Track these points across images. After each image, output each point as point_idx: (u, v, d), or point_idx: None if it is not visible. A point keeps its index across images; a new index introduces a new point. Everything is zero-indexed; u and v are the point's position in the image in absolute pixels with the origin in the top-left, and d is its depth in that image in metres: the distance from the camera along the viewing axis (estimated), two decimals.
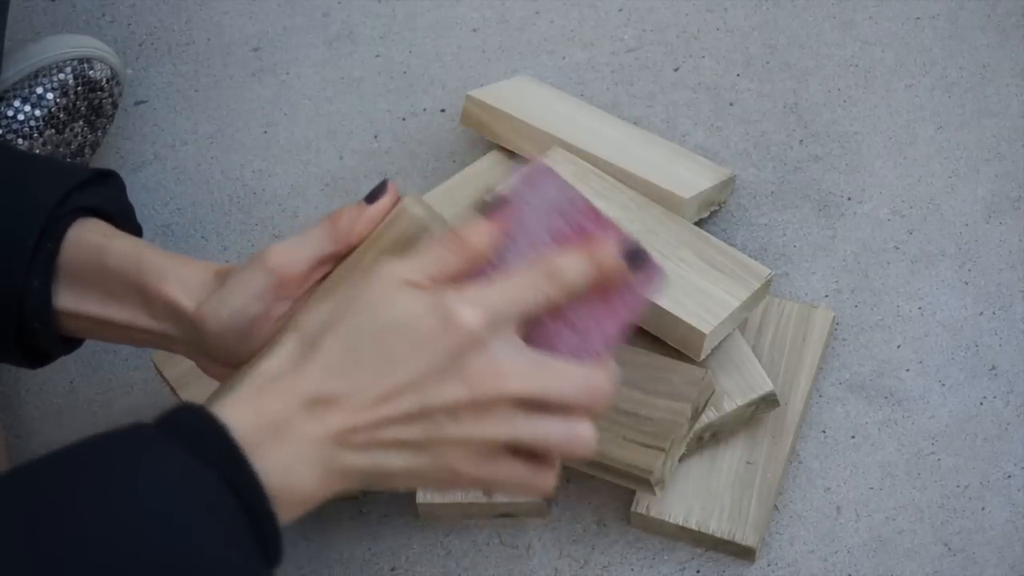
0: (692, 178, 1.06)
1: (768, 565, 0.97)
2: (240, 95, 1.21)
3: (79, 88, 1.12)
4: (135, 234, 0.84)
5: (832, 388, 1.03)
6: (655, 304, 0.96)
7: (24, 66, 1.11)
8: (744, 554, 0.96)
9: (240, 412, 0.65)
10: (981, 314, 1.05)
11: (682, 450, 0.95)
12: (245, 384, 0.67)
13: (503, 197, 0.73)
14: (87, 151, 1.15)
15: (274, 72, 1.22)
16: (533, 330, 0.70)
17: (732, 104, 1.16)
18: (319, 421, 0.66)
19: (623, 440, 0.92)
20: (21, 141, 1.09)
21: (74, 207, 0.80)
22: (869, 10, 1.19)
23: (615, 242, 0.71)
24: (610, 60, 1.19)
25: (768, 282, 1.00)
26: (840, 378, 1.03)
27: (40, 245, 0.78)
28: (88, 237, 0.80)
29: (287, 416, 0.66)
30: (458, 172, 1.10)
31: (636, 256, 0.71)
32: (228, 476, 0.63)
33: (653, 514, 0.96)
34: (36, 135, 1.10)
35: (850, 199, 1.11)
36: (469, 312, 0.67)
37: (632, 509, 0.97)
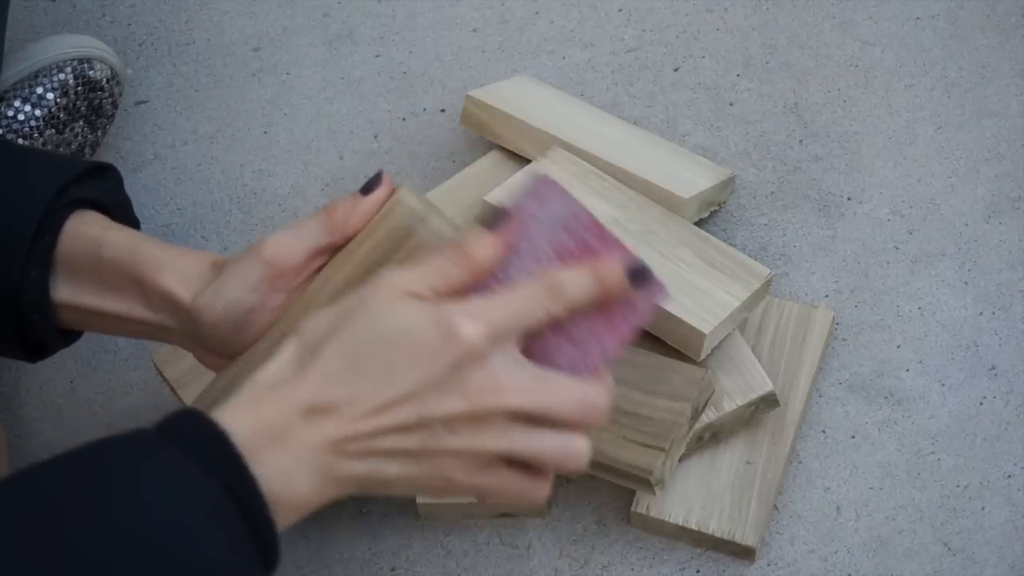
0: (692, 178, 1.06)
1: (768, 565, 0.97)
2: (240, 95, 1.21)
3: (79, 88, 1.12)
4: (133, 227, 0.84)
5: (832, 388, 1.03)
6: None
7: (24, 66, 1.11)
8: (744, 554, 0.96)
9: (239, 418, 0.66)
10: (981, 314, 1.05)
11: (682, 450, 0.95)
12: (245, 390, 0.68)
13: (509, 210, 0.73)
14: (87, 151, 1.15)
15: (274, 72, 1.22)
16: (533, 342, 0.70)
17: (732, 104, 1.16)
18: (317, 428, 0.66)
19: (623, 440, 0.92)
20: (21, 141, 1.10)
21: (72, 199, 0.80)
22: (869, 10, 1.19)
23: (619, 260, 0.71)
24: (610, 60, 1.19)
25: (768, 282, 1.01)
26: (840, 378, 1.03)
27: (38, 237, 0.78)
28: (85, 229, 0.80)
29: (286, 423, 0.66)
30: (458, 172, 1.10)
31: (639, 275, 0.71)
32: (228, 482, 0.63)
33: (653, 514, 0.96)
34: (36, 135, 1.10)
35: (850, 199, 1.11)
36: (470, 325, 0.67)
37: (632, 509, 0.97)
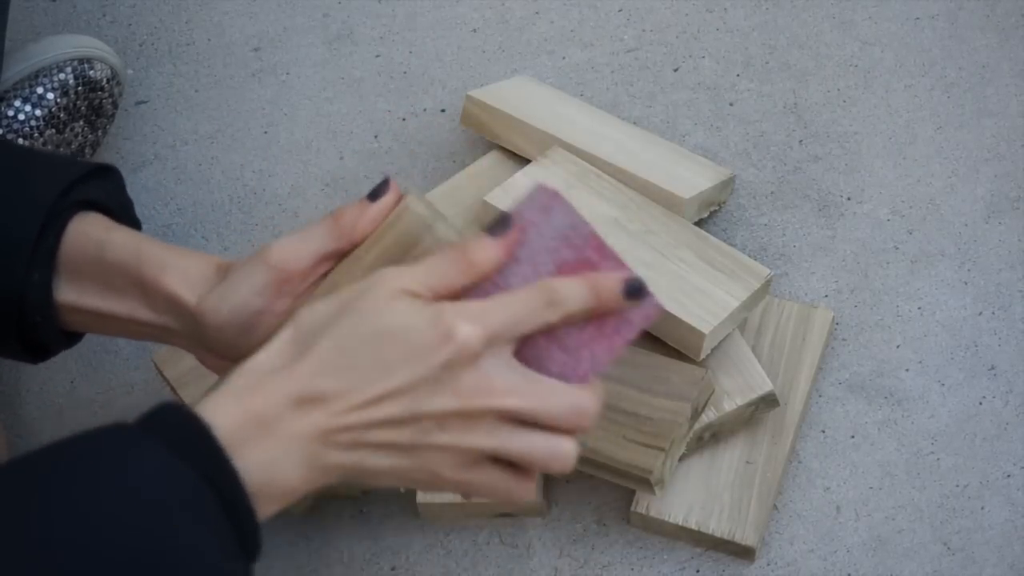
0: (692, 178, 1.06)
1: (768, 565, 0.97)
2: (240, 95, 1.21)
3: (79, 88, 1.12)
4: (134, 228, 0.84)
5: (832, 388, 1.03)
6: None
7: (25, 66, 1.11)
8: (744, 554, 0.96)
9: (227, 406, 0.66)
10: (980, 314, 1.05)
11: (682, 450, 0.95)
12: (237, 377, 0.68)
13: (511, 217, 0.74)
14: (87, 151, 1.15)
15: (274, 72, 1.22)
16: (525, 347, 0.71)
17: (732, 104, 1.16)
18: (306, 418, 0.67)
19: (623, 440, 0.92)
20: (22, 141, 1.10)
21: (74, 201, 0.80)
22: (869, 10, 1.19)
23: (617, 275, 0.72)
24: (610, 60, 1.19)
25: (768, 282, 1.01)
26: (840, 378, 1.03)
27: (41, 239, 0.78)
28: (88, 231, 0.80)
29: (275, 411, 0.67)
30: (458, 172, 1.10)
31: (636, 291, 0.72)
32: (208, 473, 0.64)
33: (653, 514, 0.96)
34: (37, 135, 1.10)
35: (850, 199, 1.11)
36: (467, 327, 0.68)
37: (632, 509, 0.97)
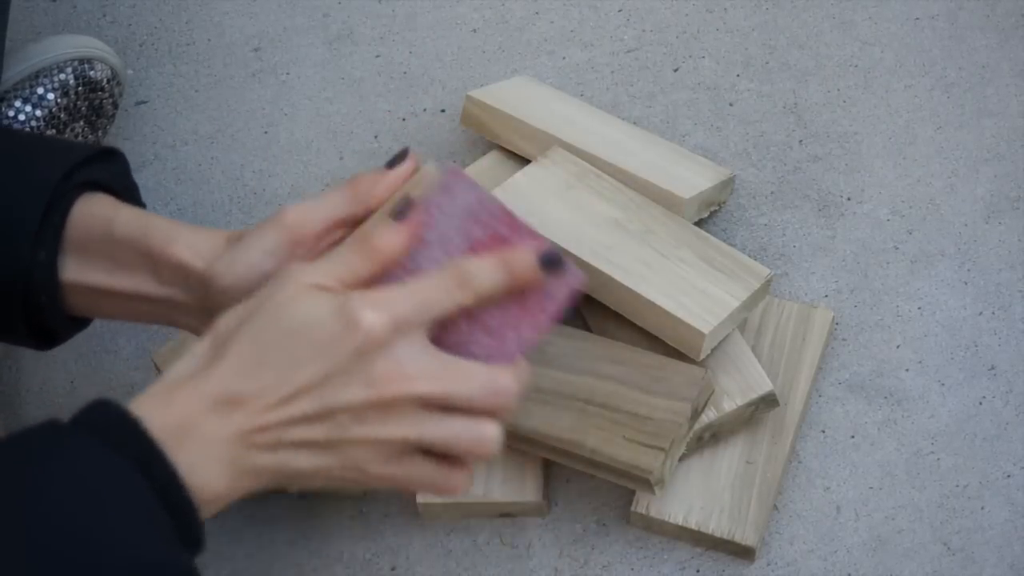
0: (692, 178, 1.06)
1: (768, 565, 0.97)
2: (240, 95, 1.21)
3: (80, 88, 1.12)
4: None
5: (831, 388, 1.03)
6: (655, 304, 0.96)
7: (25, 66, 1.11)
8: (744, 554, 0.96)
9: (148, 412, 0.66)
10: (980, 314, 1.05)
11: (682, 450, 0.95)
12: (156, 385, 0.68)
13: (415, 201, 0.73)
14: None
15: (274, 72, 1.22)
16: (447, 333, 0.70)
17: (732, 104, 1.16)
18: (225, 421, 0.67)
19: (623, 440, 0.92)
20: None
21: (80, 181, 0.80)
22: (869, 10, 1.19)
23: (531, 248, 0.71)
24: (610, 60, 1.19)
25: (768, 282, 1.01)
26: (840, 378, 1.03)
27: (46, 218, 0.78)
28: (95, 209, 0.80)
29: (194, 416, 0.67)
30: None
31: (552, 262, 0.71)
32: (142, 463, 0.64)
33: (653, 514, 0.96)
34: None
35: (850, 199, 1.11)
36: (371, 315, 0.68)
37: (632, 509, 0.97)
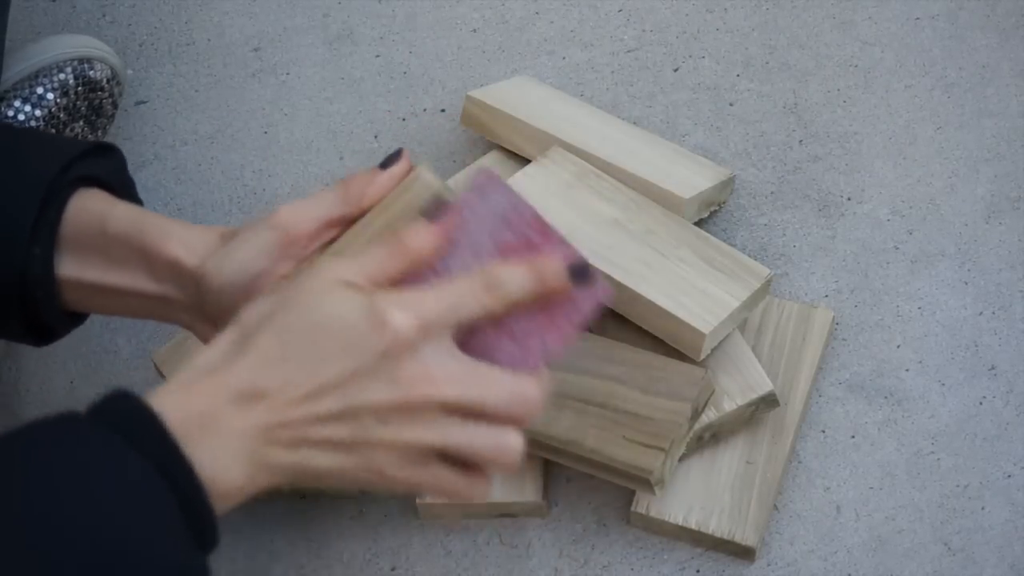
0: (692, 178, 1.06)
1: (768, 565, 0.97)
2: (240, 95, 1.21)
3: (79, 88, 1.12)
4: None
5: (832, 388, 1.03)
6: (655, 304, 0.96)
7: (24, 66, 1.11)
8: (744, 554, 0.96)
9: (169, 403, 0.66)
10: (981, 314, 1.05)
11: (682, 450, 0.95)
12: (180, 374, 0.68)
13: (448, 203, 0.73)
14: None
15: (274, 72, 1.22)
16: (473, 338, 0.70)
17: (732, 104, 1.16)
18: (247, 415, 0.66)
19: (623, 440, 0.92)
20: None
21: (76, 176, 0.80)
22: (869, 10, 1.19)
23: (561, 256, 0.71)
24: (610, 60, 1.19)
25: (768, 282, 1.01)
26: (840, 378, 1.03)
27: (42, 214, 0.78)
28: (90, 205, 0.80)
29: (214, 408, 0.66)
30: (458, 172, 1.10)
31: (581, 272, 0.71)
32: (158, 460, 0.63)
33: (653, 514, 0.96)
34: None
35: (850, 199, 1.11)
36: (401, 316, 0.67)
37: (632, 509, 0.97)
